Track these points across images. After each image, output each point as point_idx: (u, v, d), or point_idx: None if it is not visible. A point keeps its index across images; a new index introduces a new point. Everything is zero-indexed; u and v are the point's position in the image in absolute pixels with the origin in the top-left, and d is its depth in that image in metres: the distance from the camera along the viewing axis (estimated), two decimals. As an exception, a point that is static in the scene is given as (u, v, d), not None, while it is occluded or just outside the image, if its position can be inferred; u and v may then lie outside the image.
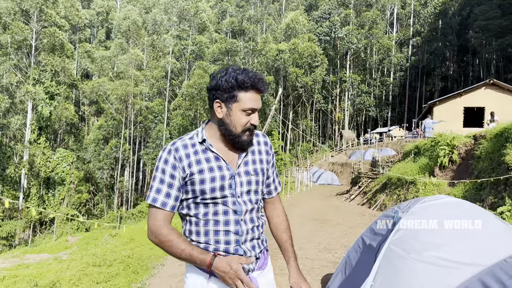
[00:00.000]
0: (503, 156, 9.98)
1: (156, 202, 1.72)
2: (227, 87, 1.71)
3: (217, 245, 1.73)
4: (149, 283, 5.08)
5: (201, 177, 1.72)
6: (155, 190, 1.74)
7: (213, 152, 1.77)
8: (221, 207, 1.74)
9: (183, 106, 45.49)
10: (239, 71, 1.72)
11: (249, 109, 1.73)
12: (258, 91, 1.74)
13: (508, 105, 23.57)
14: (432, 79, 60.23)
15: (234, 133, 1.74)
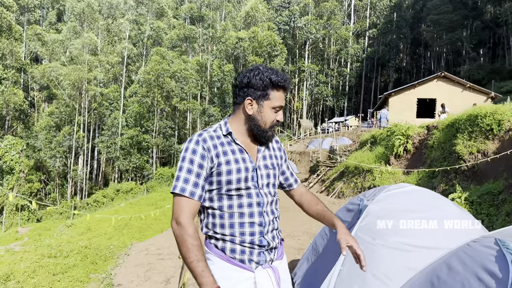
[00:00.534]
0: (453, 146, 10.51)
1: (185, 192, 1.73)
2: (261, 86, 1.81)
3: (242, 237, 1.78)
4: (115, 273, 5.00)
5: (228, 167, 1.78)
6: (183, 180, 1.74)
7: (237, 145, 1.85)
8: (245, 199, 1.80)
9: (140, 93, 44.37)
10: (271, 71, 1.82)
11: (278, 106, 1.85)
12: (286, 91, 1.87)
13: (457, 97, 24.73)
14: (386, 71, 62.11)
15: (262, 128, 1.85)
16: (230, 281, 1.75)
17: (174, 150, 47.34)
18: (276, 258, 1.90)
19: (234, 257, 1.79)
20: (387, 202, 3.60)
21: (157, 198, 25.78)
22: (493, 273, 1.89)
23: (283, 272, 1.93)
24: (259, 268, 1.80)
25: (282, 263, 1.95)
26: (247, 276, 1.78)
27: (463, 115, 10.88)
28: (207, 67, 51.39)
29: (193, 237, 1.67)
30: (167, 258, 5.46)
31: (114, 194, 37.22)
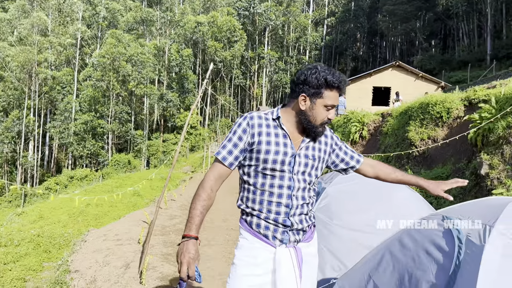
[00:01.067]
0: (406, 133, 10.95)
1: (219, 155, 1.94)
2: (316, 84, 1.90)
3: (268, 214, 1.93)
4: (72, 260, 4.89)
5: (267, 147, 1.92)
6: (222, 146, 1.96)
7: (283, 130, 1.97)
8: (277, 180, 1.93)
9: (94, 77, 42.81)
10: (328, 71, 1.91)
11: (330, 105, 1.93)
12: (340, 91, 1.95)
13: (410, 85, 25.68)
14: (344, 59, 63.28)
15: (312, 124, 1.95)
16: (255, 251, 1.93)
17: (131, 136, 46.26)
18: (303, 240, 2.01)
19: (259, 232, 1.94)
20: (344, 185, 3.74)
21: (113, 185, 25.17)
22: (441, 247, 2.03)
23: (310, 255, 2.04)
24: (282, 246, 1.93)
25: (310, 246, 2.06)
26: (269, 250, 1.93)
27: (415, 103, 11.32)
28: (165, 51, 50.27)
29: (207, 196, 1.89)
30: (126, 243, 5.40)
31: (68, 181, 36.04)
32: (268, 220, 1.92)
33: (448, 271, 1.88)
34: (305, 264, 1.98)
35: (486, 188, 6.67)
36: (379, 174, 2.22)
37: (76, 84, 46.62)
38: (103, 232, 5.94)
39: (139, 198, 19.16)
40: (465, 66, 34.78)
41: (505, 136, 6.81)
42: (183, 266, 1.71)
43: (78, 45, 47.87)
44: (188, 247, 1.75)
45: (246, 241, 1.97)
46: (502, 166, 6.61)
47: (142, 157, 45.49)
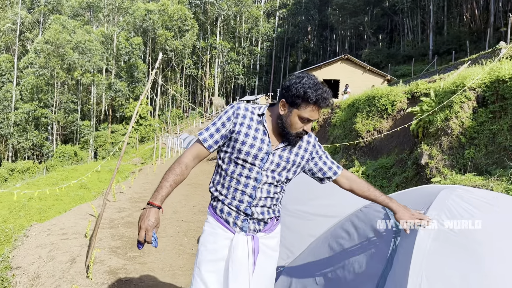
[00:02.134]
0: (353, 124, 11.32)
1: (201, 136, 2.01)
2: (295, 94, 1.91)
3: (232, 200, 2.01)
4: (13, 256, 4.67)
5: (244, 139, 1.97)
6: (206, 128, 2.03)
7: (264, 127, 2.02)
8: (246, 171, 1.99)
9: (37, 63, 40.61)
10: (312, 85, 1.90)
11: (305, 118, 1.93)
12: (320, 107, 1.94)
13: (358, 78, 26.47)
14: (295, 51, 64.09)
15: (287, 131, 1.98)
16: (216, 237, 2.02)
17: (77, 126, 44.48)
18: (262, 231, 2.06)
19: (222, 216, 2.02)
20: (293, 175, 3.82)
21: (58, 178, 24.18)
22: (380, 233, 2.15)
23: (268, 247, 2.10)
24: (241, 233, 2.00)
25: (270, 238, 2.11)
26: (227, 236, 2.01)
27: (362, 96, 11.72)
28: (113, 39, 48.54)
29: (181, 171, 1.96)
30: (72, 237, 5.22)
31: (8, 174, 34.14)
32: (231, 206, 2.00)
33: (386, 255, 2.00)
34: (262, 254, 2.05)
35: (425, 177, 7.05)
36: (354, 188, 2.24)
37: (17, 72, 44.06)
38: (47, 227, 5.71)
39: (86, 191, 18.53)
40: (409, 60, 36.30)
41: (443, 127, 7.22)
42: (142, 231, 1.79)
43: (18, 30, 45.18)
44: (149, 214, 1.82)
45: (209, 225, 2.07)
46: (440, 156, 7.01)
47: (89, 149, 43.92)
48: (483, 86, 6.93)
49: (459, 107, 7.03)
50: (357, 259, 2.20)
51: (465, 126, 6.87)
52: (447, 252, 1.81)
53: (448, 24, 42.27)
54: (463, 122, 6.92)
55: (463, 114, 6.96)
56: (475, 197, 2.06)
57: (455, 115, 7.04)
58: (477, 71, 7.51)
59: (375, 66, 33.13)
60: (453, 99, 7.08)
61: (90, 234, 5.24)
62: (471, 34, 35.07)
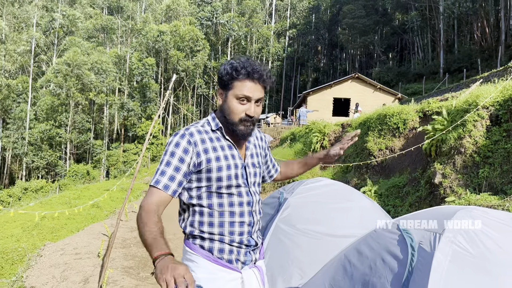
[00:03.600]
0: (365, 143, 11.27)
1: (159, 184, 1.64)
2: (224, 74, 1.72)
3: (232, 236, 1.73)
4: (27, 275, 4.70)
5: (218, 164, 1.71)
6: (159, 173, 1.66)
7: (227, 140, 1.78)
8: (236, 198, 1.75)
9: (55, 83, 41.40)
10: (240, 61, 1.73)
11: (243, 96, 1.70)
12: (255, 81, 1.72)
13: (369, 97, 26.49)
14: (305, 70, 64.51)
15: (230, 120, 1.74)
16: (218, 282, 1.69)
17: (90, 145, 45.00)
18: (259, 258, 1.89)
19: (222, 257, 1.72)
20: (305, 195, 3.82)
21: (71, 197, 24.30)
22: (395, 255, 2.14)
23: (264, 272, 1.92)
24: (245, 268, 1.76)
25: (263, 262, 1.94)
26: (234, 276, 1.72)
27: (374, 114, 11.70)
28: (126, 60, 49.46)
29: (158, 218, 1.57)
30: (85, 257, 5.25)
31: (22, 193, 34.49)
32: (232, 244, 1.73)
33: (401, 278, 1.98)
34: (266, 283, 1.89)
35: (439, 197, 6.97)
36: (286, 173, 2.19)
37: (31, 92, 44.95)
38: (60, 246, 5.75)
39: (98, 210, 18.60)
40: (420, 79, 36.28)
41: (456, 146, 7.16)
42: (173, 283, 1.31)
43: (33, 51, 46.27)
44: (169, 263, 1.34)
45: (203, 271, 1.70)
46: (454, 175, 6.93)
47: (101, 168, 44.28)
48: (496, 105, 6.90)
49: (472, 125, 6.99)
50: (372, 281, 2.18)
51: (478, 145, 6.82)
52: (464, 273, 1.79)
53: (458, 42, 42.29)
54: (476, 141, 6.86)
55: (477, 133, 6.91)
56: (491, 218, 2.05)
57: (469, 134, 6.99)
58: (489, 89, 7.48)
59: (386, 85, 33.18)
60: (466, 117, 7.05)
61: (103, 254, 5.26)
62: (482, 52, 35.00)
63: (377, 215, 3.55)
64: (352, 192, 4.05)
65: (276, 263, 3.34)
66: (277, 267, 3.32)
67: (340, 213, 3.51)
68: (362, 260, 2.41)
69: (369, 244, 2.49)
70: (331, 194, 3.85)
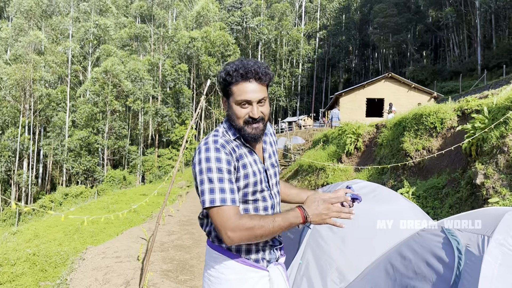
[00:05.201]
0: (401, 144, 11.03)
1: (226, 202, 1.58)
2: (221, 82, 1.72)
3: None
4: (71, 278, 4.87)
5: (245, 171, 1.70)
6: (219, 191, 1.59)
7: (247, 147, 1.77)
8: (261, 203, 1.76)
9: (93, 91, 42.85)
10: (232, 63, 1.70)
11: (242, 101, 1.68)
12: (252, 81, 1.68)
13: (403, 96, 25.93)
14: (337, 71, 63.87)
15: (237, 126, 1.72)
16: (249, 282, 1.72)
17: (126, 151, 46.17)
18: (282, 255, 1.92)
19: (249, 258, 1.74)
20: (343, 198, 3.77)
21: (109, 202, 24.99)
22: (441, 258, 2.07)
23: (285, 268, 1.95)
24: (270, 266, 1.79)
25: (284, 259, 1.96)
26: (262, 274, 1.75)
27: (409, 114, 11.44)
28: (158, 67, 50.55)
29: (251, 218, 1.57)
30: (125, 260, 5.38)
31: (63, 198, 35.73)
32: (259, 244, 1.75)
33: (449, 282, 1.92)
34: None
35: (482, 198, 6.73)
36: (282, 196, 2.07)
37: (69, 100, 46.63)
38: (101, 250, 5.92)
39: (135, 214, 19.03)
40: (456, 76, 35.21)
41: (498, 145, 6.90)
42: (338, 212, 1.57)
43: (70, 62, 48.01)
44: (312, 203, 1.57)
45: (235, 274, 1.72)
46: (497, 175, 6.68)
47: (137, 173, 45.33)
48: (540, 101, 6.60)
49: (515, 123, 6.72)
50: (417, 286, 2.13)
51: (522, 143, 6.54)
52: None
53: (496, 38, 40.77)
54: (520, 139, 6.59)
55: (520, 131, 6.63)
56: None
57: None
58: (533, 85, 7.17)
59: (420, 84, 32.38)
60: (509, 115, 6.78)
61: (142, 257, 5.37)
62: (522, 47, 33.60)
63: (417, 217, 3.46)
64: (391, 194, 3.96)
65: (314, 267, 3.31)
66: (315, 270, 3.29)
67: (378, 215, 3.44)
68: (405, 263, 2.36)
69: (412, 247, 2.43)
70: (368, 196, 3.79)
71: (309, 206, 1.55)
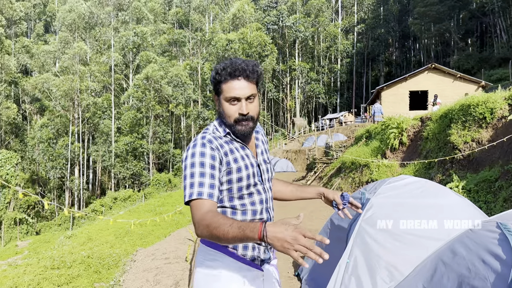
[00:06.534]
0: (448, 136, 10.64)
1: (203, 195, 1.59)
2: (212, 80, 1.78)
3: None
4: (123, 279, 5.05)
5: (237, 165, 1.73)
6: (197, 185, 1.61)
7: (238, 142, 1.80)
8: (256, 196, 1.78)
9: (136, 97, 44.29)
10: (222, 63, 1.75)
11: (231, 98, 1.72)
12: (240, 79, 1.72)
13: (448, 87, 24.97)
14: (377, 65, 62.43)
15: (227, 123, 1.77)
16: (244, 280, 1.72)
17: (170, 155, 47.34)
18: (273, 257, 1.91)
19: (246, 254, 1.74)
20: (389, 194, 3.69)
21: (156, 204, 25.72)
22: (497, 255, 1.98)
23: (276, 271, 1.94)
24: (265, 266, 1.81)
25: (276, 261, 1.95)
26: (256, 274, 1.77)
27: (456, 105, 11.01)
28: (197, 71, 51.42)
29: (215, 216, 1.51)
30: (174, 261, 5.52)
31: (112, 202, 37.13)
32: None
33: (507, 280, 1.83)
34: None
35: (539, 190, 6.38)
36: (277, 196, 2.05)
37: (114, 108, 48.36)
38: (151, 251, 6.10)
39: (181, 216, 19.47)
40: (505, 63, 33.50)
41: (555, 134, 6.52)
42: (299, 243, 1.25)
43: (113, 70, 49.79)
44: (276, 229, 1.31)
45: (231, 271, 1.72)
46: (555, 166, 6.31)
47: (181, 175, 46.33)
48: None
49: None
50: (472, 284, 2.05)
51: None
52: None
53: (548, 20, 38.43)
54: None
55: None
56: None
57: None
58: None
59: (466, 73, 31.05)
60: None
61: (190, 258, 5.48)
62: None
63: (469, 212, 3.32)
64: (439, 189, 3.83)
65: (362, 265, 3.26)
66: (364, 268, 3.24)
67: (427, 211, 3.33)
68: (458, 261, 2.27)
69: (466, 244, 2.34)
70: (416, 192, 3.68)
71: (275, 226, 1.32)
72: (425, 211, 3.38)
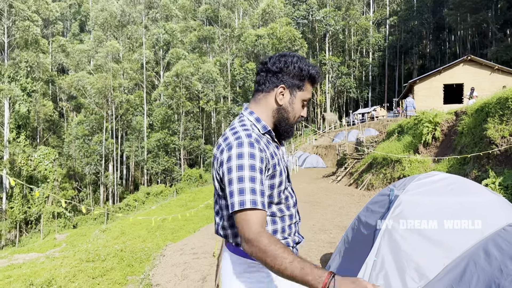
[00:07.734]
0: (484, 131, 10.26)
1: (257, 205, 1.42)
2: (299, 75, 1.63)
3: (294, 237, 1.68)
4: (153, 273, 5.16)
5: (280, 168, 1.61)
6: (249, 191, 1.43)
7: (275, 142, 1.68)
8: (290, 200, 1.69)
9: (166, 94, 45.08)
10: (306, 61, 1.68)
11: (306, 100, 1.69)
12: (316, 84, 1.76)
13: (485, 80, 24.09)
14: (410, 58, 60.85)
15: (290, 122, 1.67)
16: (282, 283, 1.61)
17: (201, 150, 47.92)
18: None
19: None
20: (418, 191, 3.59)
21: (187, 199, 26.13)
22: (531, 256, 1.89)
23: None
24: None
25: None
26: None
27: (493, 99, 10.61)
28: (227, 67, 51.68)
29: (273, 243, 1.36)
30: (202, 257, 5.57)
31: (145, 197, 37.96)
32: (293, 245, 1.67)
33: (541, 282, 1.74)
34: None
35: None
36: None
37: (146, 105, 49.30)
38: (179, 246, 6.19)
39: (211, 211, 19.72)
40: (547, 54, 31.95)
41: None
42: None
43: (144, 68, 50.74)
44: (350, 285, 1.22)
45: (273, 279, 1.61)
46: None
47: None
48: None
49: None
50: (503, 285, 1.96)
51: None
52: None
53: None
54: None
55: None
56: None
57: None
58: None
59: (505, 65, 29.83)
60: None
61: (217, 254, 5.53)
62: None
63: (504, 210, 3.18)
64: (471, 185, 3.70)
65: (390, 263, 3.19)
66: (392, 267, 3.17)
67: (459, 210, 3.22)
68: (490, 261, 2.18)
69: (498, 243, 2.24)
70: (447, 189, 3.56)
71: (343, 281, 1.24)
72: (455, 209, 3.26)
